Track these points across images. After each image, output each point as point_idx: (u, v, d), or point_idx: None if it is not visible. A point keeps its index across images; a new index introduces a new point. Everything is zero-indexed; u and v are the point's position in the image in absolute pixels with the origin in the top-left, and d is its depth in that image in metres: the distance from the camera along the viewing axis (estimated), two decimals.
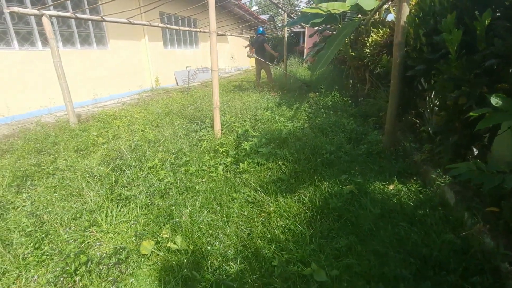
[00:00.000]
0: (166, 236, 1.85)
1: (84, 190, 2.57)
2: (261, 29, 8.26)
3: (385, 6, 5.08)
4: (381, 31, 4.23)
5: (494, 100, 1.60)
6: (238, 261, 1.56)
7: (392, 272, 1.61)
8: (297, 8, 17.62)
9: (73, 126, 4.58)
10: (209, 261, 1.59)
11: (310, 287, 1.45)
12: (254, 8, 25.46)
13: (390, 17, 5.56)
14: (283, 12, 9.76)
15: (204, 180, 2.59)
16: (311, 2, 8.29)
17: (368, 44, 4.81)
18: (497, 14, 1.64)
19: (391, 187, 2.52)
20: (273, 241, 1.81)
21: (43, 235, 2.03)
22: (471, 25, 1.66)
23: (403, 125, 3.61)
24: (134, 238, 1.93)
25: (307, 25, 6.71)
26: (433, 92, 2.52)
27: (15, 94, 5.53)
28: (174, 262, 1.60)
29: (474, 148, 2.19)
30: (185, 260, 1.58)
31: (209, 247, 1.69)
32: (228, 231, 1.83)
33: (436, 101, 2.47)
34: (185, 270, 1.50)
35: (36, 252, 1.87)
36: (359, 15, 5.51)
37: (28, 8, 4.62)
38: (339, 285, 1.51)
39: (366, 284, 1.54)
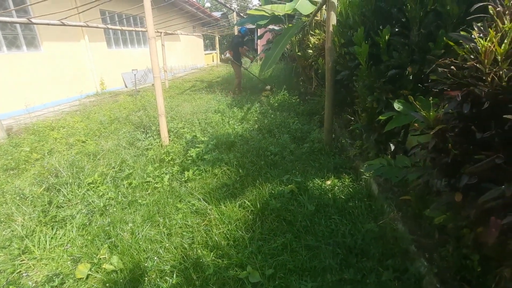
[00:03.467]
0: (104, 256, 1.81)
1: (14, 214, 2.39)
2: (244, 29, 7.40)
3: (324, 8, 5.40)
4: (318, 35, 4.49)
5: (397, 105, 1.85)
6: (174, 274, 1.61)
7: (322, 264, 1.78)
8: (249, 5, 17.68)
9: (2, 141, 4.13)
10: (146, 278, 1.61)
11: None
12: (207, 5, 24.95)
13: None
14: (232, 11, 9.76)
15: (148, 192, 2.56)
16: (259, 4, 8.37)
17: (311, 45, 5.07)
18: (396, 29, 1.88)
19: (328, 182, 2.75)
20: (215, 248, 1.88)
21: None
22: (376, 39, 1.88)
23: (341, 122, 3.91)
24: (69, 262, 1.86)
25: (254, 26, 6.83)
26: None
27: None
28: (110, 284, 1.59)
29: (391, 144, 2.48)
30: (121, 280, 1.58)
31: (147, 264, 1.70)
32: (167, 245, 1.85)
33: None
34: None
35: None
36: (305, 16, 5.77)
37: None
38: (273, 283, 1.63)
39: (298, 279, 1.69)
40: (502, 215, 0.72)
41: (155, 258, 1.76)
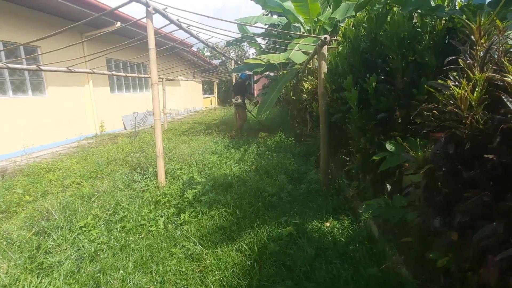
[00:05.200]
0: None
1: None
2: (244, 75, 7.89)
3: (316, 57, 5.85)
4: (311, 81, 4.79)
5: (389, 146, 1.92)
6: None
7: None
8: (246, 54, 18.97)
9: None
10: None
11: None
12: (207, 54, 26.71)
13: None
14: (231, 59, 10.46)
15: (142, 236, 2.47)
16: (255, 53, 9.02)
17: (304, 90, 5.38)
18: (382, 77, 2.04)
19: (327, 224, 2.69)
20: None
21: None
22: (364, 86, 2.03)
23: (337, 162, 3.97)
24: None
25: (251, 73, 7.30)
26: None
27: None
28: None
29: (388, 184, 2.50)
30: None
31: None
32: None
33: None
34: None
35: None
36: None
37: None
38: None
39: None
40: (498, 252, 0.73)
41: None
